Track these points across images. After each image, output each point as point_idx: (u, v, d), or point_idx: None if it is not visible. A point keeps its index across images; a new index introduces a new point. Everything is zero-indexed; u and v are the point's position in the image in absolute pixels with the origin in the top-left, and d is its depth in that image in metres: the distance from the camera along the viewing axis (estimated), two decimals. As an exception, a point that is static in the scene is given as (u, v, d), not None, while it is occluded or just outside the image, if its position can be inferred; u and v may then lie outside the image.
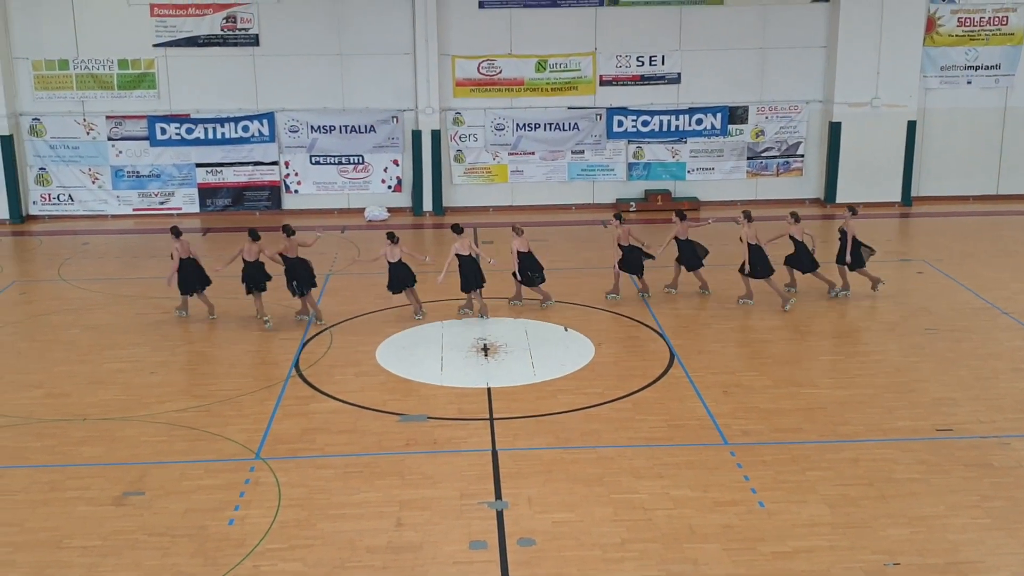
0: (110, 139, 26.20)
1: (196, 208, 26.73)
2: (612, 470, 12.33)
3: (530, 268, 18.27)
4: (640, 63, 26.56)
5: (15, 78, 25.82)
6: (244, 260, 17.90)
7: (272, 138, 26.44)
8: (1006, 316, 17.97)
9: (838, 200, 26.56)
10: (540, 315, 18.23)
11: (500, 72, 26.43)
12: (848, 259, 18.69)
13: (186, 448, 13.16)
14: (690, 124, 26.84)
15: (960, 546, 10.63)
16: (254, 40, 25.97)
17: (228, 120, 26.28)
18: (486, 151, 26.87)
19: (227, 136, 26.37)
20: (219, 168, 26.57)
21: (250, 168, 26.64)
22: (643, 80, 26.68)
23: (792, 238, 18.73)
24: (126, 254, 23.23)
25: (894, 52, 26.12)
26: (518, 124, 26.64)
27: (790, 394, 14.62)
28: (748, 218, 18.53)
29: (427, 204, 26.66)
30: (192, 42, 25.87)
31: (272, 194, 26.79)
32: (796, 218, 18.78)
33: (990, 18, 26.52)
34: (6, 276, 21.44)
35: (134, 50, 25.79)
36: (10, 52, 25.63)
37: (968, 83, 26.88)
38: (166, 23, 25.75)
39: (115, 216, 26.51)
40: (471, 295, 18.06)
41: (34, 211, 26.54)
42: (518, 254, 18.18)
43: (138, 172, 26.44)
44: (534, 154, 26.90)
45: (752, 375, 15.37)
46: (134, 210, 26.47)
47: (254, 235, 17.90)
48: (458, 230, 18.09)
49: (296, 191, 26.89)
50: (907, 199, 27.01)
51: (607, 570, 10.29)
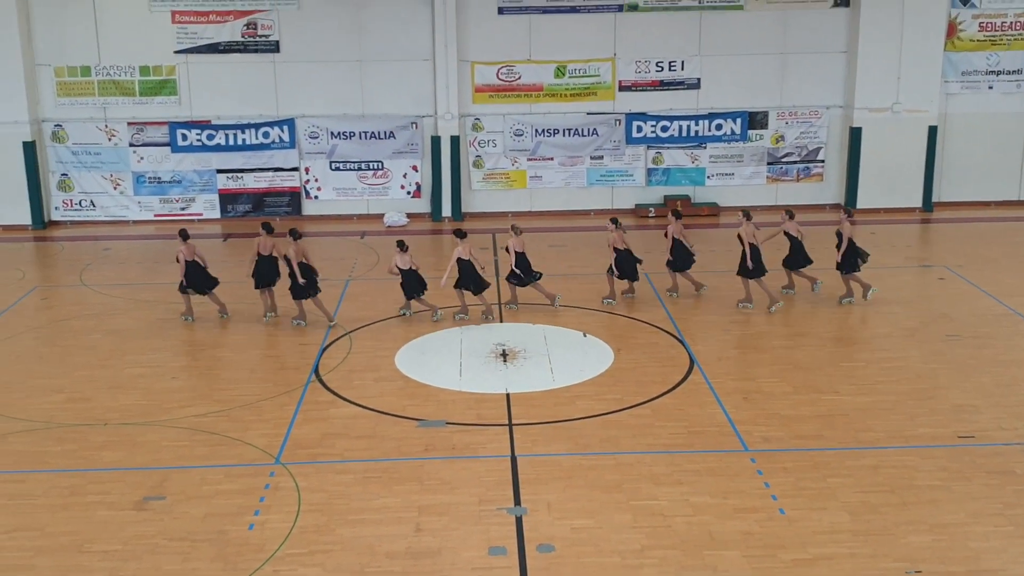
0: (131, 145, 26.35)
1: (217, 214, 26.85)
2: (631, 476, 12.30)
3: (521, 269, 18.45)
4: (659, 68, 26.52)
5: (38, 85, 26.02)
6: (259, 254, 18.12)
7: (292, 144, 26.54)
8: (1029, 322, 17.89)
9: (858, 206, 26.46)
10: (559, 321, 18.23)
11: (519, 78, 26.45)
12: (838, 259, 18.69)
13: (206, 453, 13.20)
14: (710, 129, 26.80)
15: (982, 554, 10.55)
16: (274, 46, 26.08)
17: (249, 126, 26.39)
18: (505, 157, 26.88)
19: (248, 142, 26.48)
20: (240, 174, 26.70)
21: (270, 174, 26.75)
22: (662, 85, 26.65)
23: (787, 234, 18.95)
24: (147, 259, 23.33)
25: (915, 57, 25.99)
26: (537, 130, 26.65)
27: (811, 400, 14.56)
28: (747, 217, 18.71)
29: (446, 210, 26.71)
30: (213, 48, 26.02)
31: (292, 200, 26.88)
32: (791, 215, 19.02)
33: (1012, 23, 26.37)
34: (28, 281, 21.58)
35: (155, 57, 25.96)
36: (33, 59, 25.82)
37: (990, 88, 26.76)
38: (187, 30, 25.91)
39: (136, 222, 26.65)
40: (461, 294, 18.24)
41: (56, 217, 26.72)
42: (514, 253, 18.39)
43: (159, 178, 26.59)
44: (553, 160, 26.90)
45: (772, 381, 15.31)
46: (155, 216, 26.60)
47: (268, 228, 18.15)
48: (460, 235, 18.34)
49: (316, 197, 26.98)
50: (928, 204, 26.87)
51: (626, 577, 10.27)
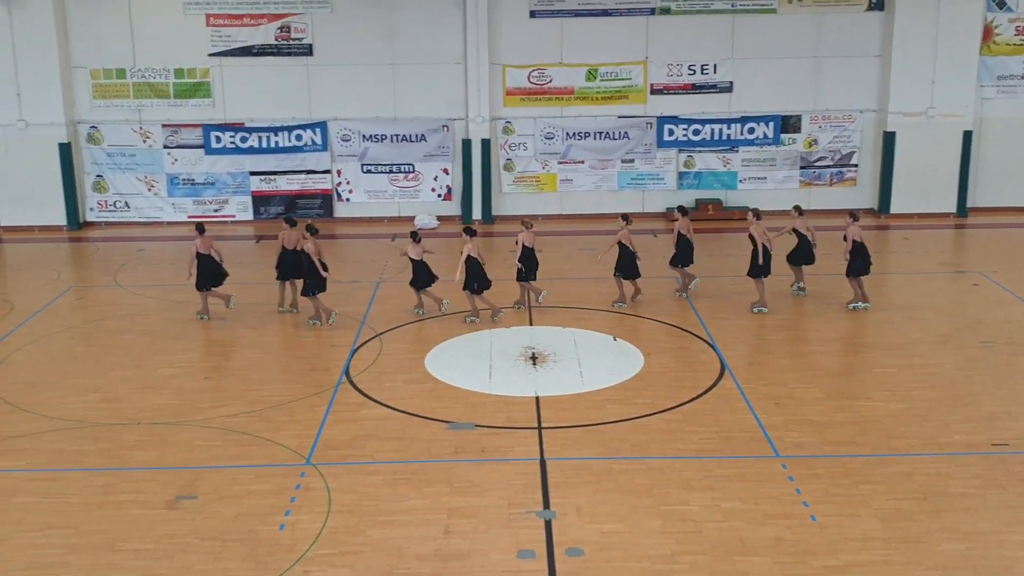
0: (166, 147, 26.57)
1: (250, 216, 27.02)
2: (661, 481, 12.26)
3: (525, 264, 18.51)
4: (691, 72, 26.45)
5: (74, 87, 26.29)
6: (283, 247, 18.27)
7: (324, 147, 26.67)
8: (1065, 329, 17.68)
9: (892, 211, 26.28)
10: (589, 324, 18.19)
11: (550, 81, 26.45)
12: (845, 258, 18.63)
13: (238, 453, 13.28)
14: (742, 133, 26.69)
15: (1016, 563, 10.44)
16: (307, 50, 26.23)
17: (281, 129, 26.55)
18: (536, 160, 26.89)
19: (280, 145, 26.64)
20: (272, 176, 26.86)
21: (303, 176, 26.90)
22: (694, 89, 26.57)
23: (796, 231, 19.16)
24: (180, 261, 23.37)
25: (950, 61, 25.76)
26: (568, 133, 26.64)
27: (842, 406, 14.46)
28: (757, 216, 18.81)
29: (476, 212, 26.74)
30: (247, 51, 26.20)
31: (324, 202, 27.02)
32: (799, 211, 19.25)
33: (1049, 26, 26.14)
34: (64, 281, 21.81)
35: (190, 59, 26.17)
36: (69, 61, 26.10)
37: (1026, 92, 26.54)
38: (221, 33, 26.10)
39: (170, 223, 26.87)
40: (471, 297, 18.27)
41: (91, 218, 26.99)
42: (522, 247, 18.45)
43: (193, 180, 26.80)
44: (584, 163, 26.88)
45: (804, 387, 15.21)
46: (189, 217, 26.76)
47: (291, 222, 18.31)
48: (470, 233, 18.50)
49: (348, 199, 27.10)
50: (962, 210, 26.61)
51: (656, 581, 10.24)
